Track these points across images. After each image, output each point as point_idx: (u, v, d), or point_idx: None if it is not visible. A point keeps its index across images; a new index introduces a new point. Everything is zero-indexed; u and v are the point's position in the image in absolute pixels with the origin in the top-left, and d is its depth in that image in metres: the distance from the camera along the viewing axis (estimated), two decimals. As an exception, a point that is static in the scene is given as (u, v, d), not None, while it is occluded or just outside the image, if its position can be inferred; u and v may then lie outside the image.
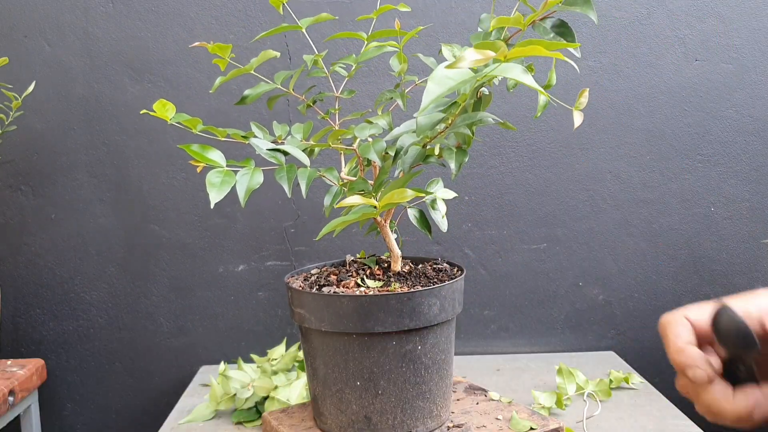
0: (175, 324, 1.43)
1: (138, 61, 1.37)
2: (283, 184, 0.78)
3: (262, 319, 1.43)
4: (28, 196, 1.40)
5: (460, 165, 0.81)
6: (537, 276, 1.43)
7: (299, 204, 1.40)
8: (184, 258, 1.41)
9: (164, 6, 1.36)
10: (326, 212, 0.85)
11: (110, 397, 1.45)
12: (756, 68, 1.39)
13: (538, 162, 1.41)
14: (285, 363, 1.20)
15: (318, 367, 0.86)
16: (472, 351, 1.45)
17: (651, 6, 1.37)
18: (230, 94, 1.37)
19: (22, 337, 1.43)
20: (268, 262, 1.42)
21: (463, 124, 0.76)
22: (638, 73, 1.39)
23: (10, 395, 1.20)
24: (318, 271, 0.97)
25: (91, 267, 1.42)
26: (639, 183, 1.41)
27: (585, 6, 0.70)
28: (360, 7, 1.36)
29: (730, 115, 1.41)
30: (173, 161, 1.39)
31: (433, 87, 0.59)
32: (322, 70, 0.93)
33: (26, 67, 1.36)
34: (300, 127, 0.92)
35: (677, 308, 0.60)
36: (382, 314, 0.79)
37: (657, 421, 1.08)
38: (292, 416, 0.95)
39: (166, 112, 0.78)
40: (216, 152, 0.78)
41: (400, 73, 0.90)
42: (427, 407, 0.85)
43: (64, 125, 1.38)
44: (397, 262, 0.91)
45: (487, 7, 1.36)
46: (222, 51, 0.85)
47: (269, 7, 1.36)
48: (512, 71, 0.58)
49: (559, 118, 1.39)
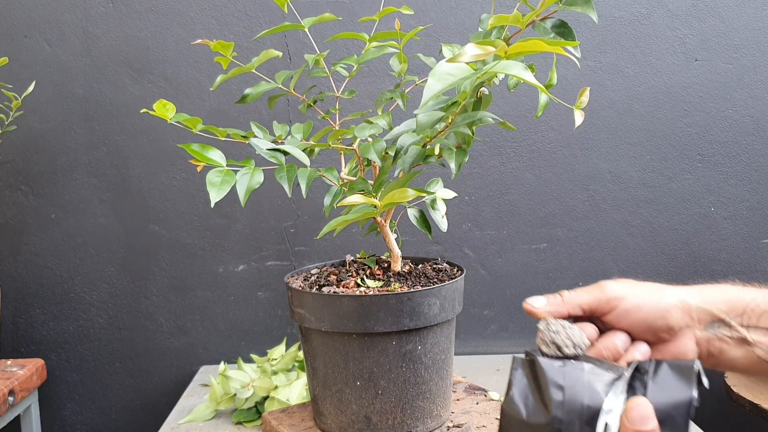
0: (175, 324, 1.43)
1: (138, 61, 1.37)
2: (283, 184, 0.78)
3: (262, 319, 1.43)
4: (28, 196, 1.40)
5: (460, 165, 0.81)
6: (537, 276, 1.43)
7: (299, 204, 1.40)
8: (184, 258, 1.41)
9: (164, 6, 1.36)
10: (326, 212, 0.85)
11: (110, 397, 1.45)
12: (756, 68, 1.39)
13: (538, 162, 1.41)
14: (285, 363, 1.20)
15: (318, 367, 0.86)
16: (472, 351, 1.45)
17: (651, 6, 1.37)
18: (230, 94, 1.37)
19: (22, 337, 1.43)
20: (268, 262, 1.42)
21: (463, 123, 0.76)
22: (638, 73, 1.39)
23: (10, 395, 1.19)
24: (318, 271, 0.97)
25: (91, 267, 1.42)
26: (639, 183, 1.41)
27: (585, 6, 0.70)
28: (360, 8, 1.36)
29: (730, 115, 1.41)
30: (173, 161, 1.39)
31: (433, 83, 0.59)
32: (323, 70, 0.93)
33: (26, 67, 1.36)
34: (300, 126, 0.92)
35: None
36: (382, 314, 0.79)
37: (657, 421, 1.08)
38: (292, 416, 0.95)
39: (166, 112, 0.78)
40: (216, 152, 0.78)
41: (400, 74, 0.90)
42: (427, 407, 0.85)
43: (64, 125, 1.38)
44: (397, 262, 0.91)
45: (487, 8, 1.36)
46: (224, 49, 0.85)
47: (269, 7, 1.36)
48: (513, 68, 0.58)
49: (560, 118, 1.39)
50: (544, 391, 0.52)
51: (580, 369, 0.52)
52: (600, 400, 0.50)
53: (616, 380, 0.51)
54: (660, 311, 0.58)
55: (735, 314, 0.58)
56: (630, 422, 0.47)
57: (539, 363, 0.53)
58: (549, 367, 0.52)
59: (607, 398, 0.50)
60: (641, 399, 0.48)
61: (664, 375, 0.50)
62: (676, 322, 0.58)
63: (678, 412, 0.49)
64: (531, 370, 0.54)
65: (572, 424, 0.50)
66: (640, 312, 0.58)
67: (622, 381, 0.51)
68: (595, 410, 0.50)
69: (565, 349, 0.55)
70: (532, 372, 0.53)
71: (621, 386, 0.51)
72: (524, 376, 0.54)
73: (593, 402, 0.50)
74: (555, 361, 0.53)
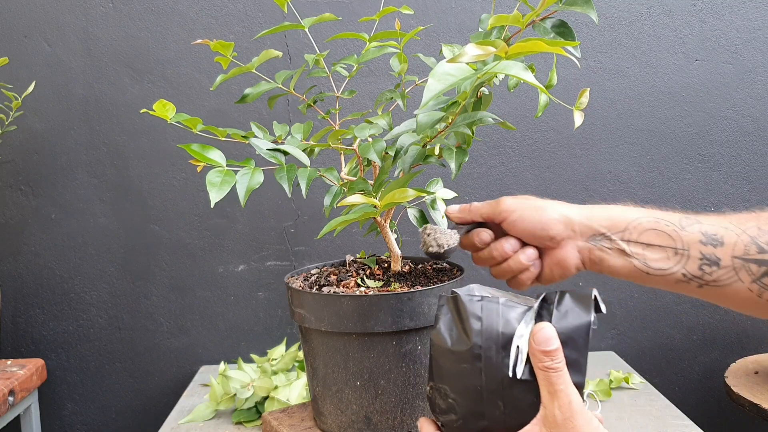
0: (175, 324, 1.43)
1: (138, 61, 1.37)
2: (283, 184, 0.78)
3: (262, 319, 1.43)
4: (28, 196, 1.40)
5: (460, 165, 0.81)
6: (537, 276, 1.43)
7: (299, 204, 1.40)
8: (184, 258, 1.41)
9: (164, 6, 1.36)
10: (326, 212, 0.85)
11: (110, 397, 1.45)
12: (756, 68, 1.39)
13: (538, 162, 1.41)
14: (285, 363, 1.20)
15: (318, 367, 0.86)
16: (472, 351, 1.44)
17: (651, 6, 1.37)
18: (230, 94, 1.37)
19: (22, 337, 1.43)
20: (268, 262, 1.42)
21: (463, 123, 0.76)
22: (638, 73, 1.39)
23: (10, 395, 1.19)
24: (318, 271, 0.97)
25: (91, 267, 1.42)
26: (639, 183, 1.41)
27: (585, 6, 0.70)
28: (360, 8, 1.36)
29: (730, 115, 1.41)
30: (173, 161, 1.39)
31: (434, 83, 0.59)
32: (323, 70, 0.93)
33: (26, 67, 1.36)
34: (300, 126, 0.92)
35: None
36: (382, 314, 0.79)
37: (657, 421, 1.08)
38: (292, 416, 0.95)
39: (166, 112, 0.78)
40: (216, 152, 0.78)
41: (401, 74, 0.90)
42: (426, 407, 0.85)
43: (64, 125, 1.38)
44: (397, 262, 0.91)
45: (487, 8, 1.36)
46: (224, 49, 0.85)
47: (269, 7, 1.36)
48: (513, 68, 0.58)
49: (560, 118, 1.39)
50: (465, 322, 0.59)
51: (496, 302, 0.59)
52: (513, 327, 0.57)
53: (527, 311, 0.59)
54: (541, 224, 0.70)
55: (617, 230, 0.69)
56: (536, 343, 0.55)
57: (461, 299, 0.60)
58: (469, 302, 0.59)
59: (519, 326, 0.58)
60: (545, 323, 0.56)
61: (566, 303, 0.58)
62: (557, 233, 0.70)
63: (578, 335, 0.56)
64: (454, 306, 0.61)
65: (489, 348, 0.57)
66: (524, 222, 0.71)
67: (532, 311, 0.58)
68: (509, 336, 0.57)
69: (431, 249, 0.75)
70: (455, 307, 0.60)
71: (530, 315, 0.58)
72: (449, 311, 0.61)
73: (507, 329, 0.57)
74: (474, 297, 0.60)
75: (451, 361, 0.59)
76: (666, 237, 0.68)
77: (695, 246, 0.67)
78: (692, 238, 0.68)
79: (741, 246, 0.66)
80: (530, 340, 0.56)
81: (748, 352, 1.44)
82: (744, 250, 0.66)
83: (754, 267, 0.66)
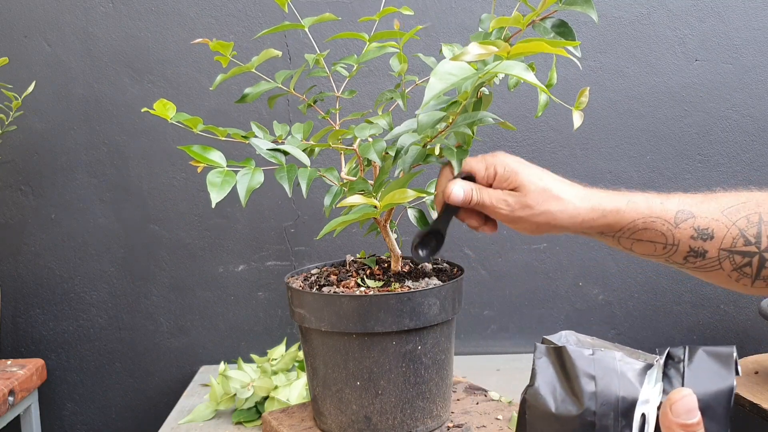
0: (175, 324, 1.43)
1: (138, 61, 1.37)
2: (283, 184, 0.78)
3: (262, 319, 1.43)
4: (28, 196, 1.40)
5: (460, 161, 0.81)
6: (537, 276, 1.43)
7: (299, 204, 1.40)
8: (184, 258, 1.41)
9: (164, 6, 1.36)
10: (326, 212, 0.85)
11: (110, 397, 1.45)
12: (756, 68, 1.39)
13: (538, 162, 1.40)
14: (285, 363, 1.20)
15: (318, 367, 0.86)
16: (472, 351, 1.45)
17: (651, 6, 1.37)
18: (230, 94, 1.37)
19: (22, 337, 1.43)
20: (268, 262, 1.42)
21: (464, 123, 0.76)
22: (638, 73, 1.39)
23: (10, 395, 1.19)
24: (318, 271, 0.97)
25: (91, 267, 1.42)
26: (639, 183, 1.41)
27: (585, 5, 0.70)
28: (360, 8, 1.36)
29: (730, 115, 1.41)
30: (173, 161, 1.39)
31: (435, 82, 0.59)
32: (323, 70, 0.93)
33: (26, 67, 1.36)
34: (300, 126, 0.92)
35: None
36: (382, 314, 0.79)
37: (657, 421, 1.08)
38: (292, 416, 0.95)
39: (166, 112, 0.78)
40: (216, 152, 0.78)
41: (401, 73, 0.90)
42: (427, 407, 0.85)
43: (64, 125, 1.38)
44: (397, 262, 0.91)
45: (487, 7, 1.36)
46: (224, 48, 0.85)
47: (269, 7, 1.36)
48: (515, 68, 0.58)
49: (560, 118, 1.39)
50: (573, 381, 0.49)
51: (611, 357, 0.50)
52: (635, 390, 0.48)
53: (647, 368, 0.49)
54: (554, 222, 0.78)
55: (612, 231, 0.74)
56: (675, 415, 0.45)
57: (567, 351, 0.50)
58: (578, 356, 0.50)
59: (642, 389, 0.48)
60: (686, 390, 0.46)
61: (701, 362, 0.48)
62: (558, 231, 0.79)
63: (718, 402, 0.47)
64: (557, 359, 0.51)
65: (606, 416, 0.48)
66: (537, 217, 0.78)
67: (656, 369, 0.49)
68: (631, 401, 0.48)
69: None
70: (558, 360, 0.51)
71: (655, 375, 0.49)
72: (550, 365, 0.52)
73: (628, 393, 0.48)
74: (584, 349, 0.51)
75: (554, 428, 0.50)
76: (659, 235, 0.71)
77: (685, 241, 0.70)
78: (684, 234, 0.70)
79: (729, 239, 0.68)
80: (664, 409, 0.46)
81: (748, 352, 1.44)
82: (732, 243, 0.68)
83: (738, 258, 0.68)
